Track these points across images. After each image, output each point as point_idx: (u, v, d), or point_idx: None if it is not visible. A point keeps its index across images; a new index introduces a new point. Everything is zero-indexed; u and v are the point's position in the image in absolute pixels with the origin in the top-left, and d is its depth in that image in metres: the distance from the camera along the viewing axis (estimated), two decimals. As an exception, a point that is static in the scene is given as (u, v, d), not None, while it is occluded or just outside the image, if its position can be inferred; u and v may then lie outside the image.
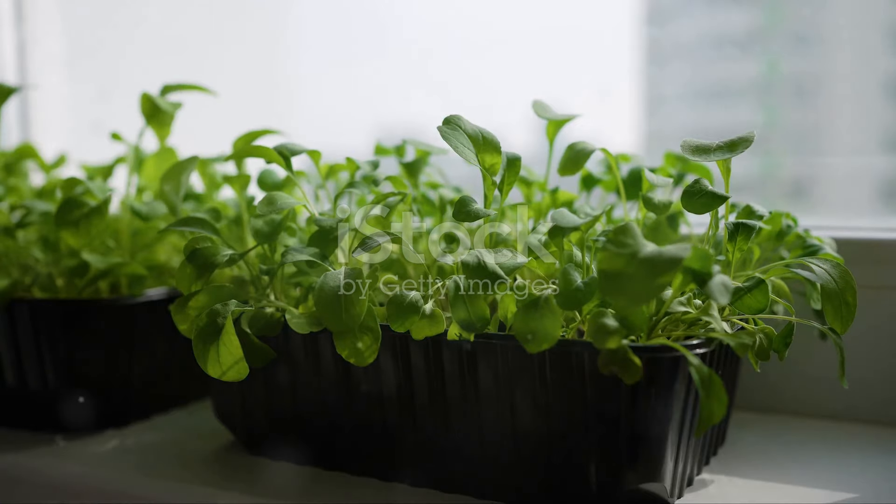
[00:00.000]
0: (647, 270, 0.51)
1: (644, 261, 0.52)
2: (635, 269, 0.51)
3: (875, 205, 1.13)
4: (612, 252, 0.53)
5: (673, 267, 0.50)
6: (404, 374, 0.69)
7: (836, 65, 1.13)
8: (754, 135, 0.66)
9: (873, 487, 0.72)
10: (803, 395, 0.91)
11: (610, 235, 0.54)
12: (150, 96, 0.95)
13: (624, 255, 0.52)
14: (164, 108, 0.94)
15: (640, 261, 0.52)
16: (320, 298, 0.63)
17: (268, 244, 0.77)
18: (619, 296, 0.52)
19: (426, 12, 1.40)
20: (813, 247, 0.77)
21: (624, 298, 0.52)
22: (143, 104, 0.95)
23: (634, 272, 0.51)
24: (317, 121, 1.50)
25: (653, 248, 0.53)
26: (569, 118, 0.83)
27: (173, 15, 1.50)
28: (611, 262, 0.52)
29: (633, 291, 0.51)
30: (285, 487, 0.73)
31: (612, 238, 0.53)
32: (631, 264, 0.52)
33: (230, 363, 0.67)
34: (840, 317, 0.65)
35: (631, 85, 1.28)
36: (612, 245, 0.53)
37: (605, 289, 0.52)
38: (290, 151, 0.78)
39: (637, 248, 0.53)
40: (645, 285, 0.51)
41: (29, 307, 0.84)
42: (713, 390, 0.55)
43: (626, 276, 0.52)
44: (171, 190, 0.85)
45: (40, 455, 0.82)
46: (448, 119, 0.68)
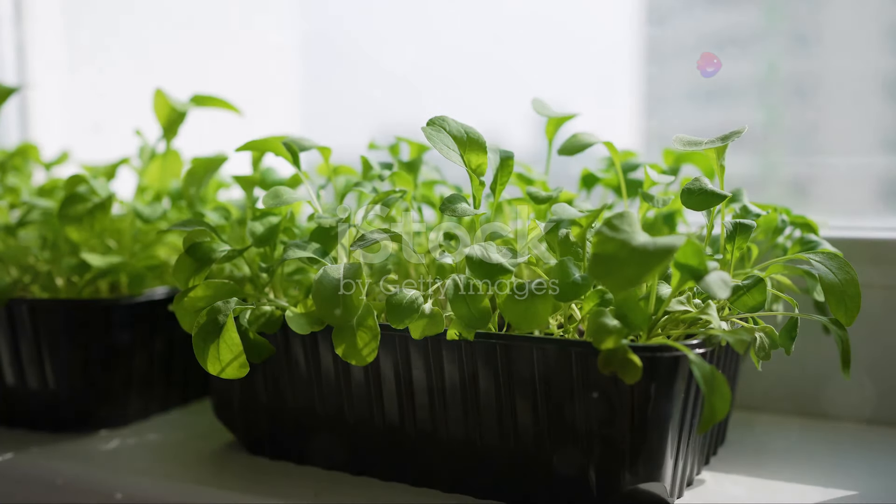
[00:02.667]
0: (640, 257, 0.51)
1: (637, 247, 0.52)
2: (627, 254, 0.52)
3: (875, 204, 1.13)
4: (605, 236, 0.53)
5: (666, 255, 0.51)
6: (404, 374, 0.69)
7: (836, 65, 1.12)
8: (745, 128, 0.66)
9: (873, 487, 0.72)
10: (803, 395, 0.91)
11: (607, 220, 0.54)
12: (164, 95, 0.94)
13: (617, 239, 0.52)
14: (177, 109, 0.94)
15: (633, 247, 0.52)
16: (318, 292, 0.63)
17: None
18: (608, 278, 0.52)
19: (426, 12, 1.40)
20: (812, 242, 0.77)
21: (613, 281, 0.52)
22: (156, 103, 0.94)
23: (627, 257, 0.52)
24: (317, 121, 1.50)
25: (647, 236, 0.53)
26: (568, 116, 0.83)
27: (173, 15, 1.50)
28: (603, 246, 0.53)
29: (624, 275, 0.51)
30: (285, 487, 0.73)
31: (608, 222, 0.53)
32: (624, 249, 0.52)
33: (230, 360, 0.67)
34: (844, 308, 0.65)
35: (631, 85, 1.28)
36: (607, 229, 0.53)
37: (595, 271, 0.52)
38: (299, 146, 0.78)
39: (631, 235, 0.53)
40: (636, 270, 0.51)
41: (28, 306, 0.84)
42: (716, 387, 0.55)
43: (617, 259, 0.52)
44: (195, 191, 0.86)
45: (40, 455, 0.82)
46: (432, 120, 0.67)
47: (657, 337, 0.63)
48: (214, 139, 1.00)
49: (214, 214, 0.86)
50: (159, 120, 0.95)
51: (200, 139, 1.00)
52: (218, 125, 1.07)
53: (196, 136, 0.99)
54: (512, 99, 1.31)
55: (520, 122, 1.30)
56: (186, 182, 0.88)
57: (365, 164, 0.83)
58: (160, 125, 0.95)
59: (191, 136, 0.99)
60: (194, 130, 0.99)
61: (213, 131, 1.08)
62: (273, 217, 0.77)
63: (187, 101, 0.96)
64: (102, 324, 0.85)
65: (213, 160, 0.89)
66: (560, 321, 0.68)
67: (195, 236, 0.72)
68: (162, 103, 0.94)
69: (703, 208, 0.65)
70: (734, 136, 0.66)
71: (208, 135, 1.04)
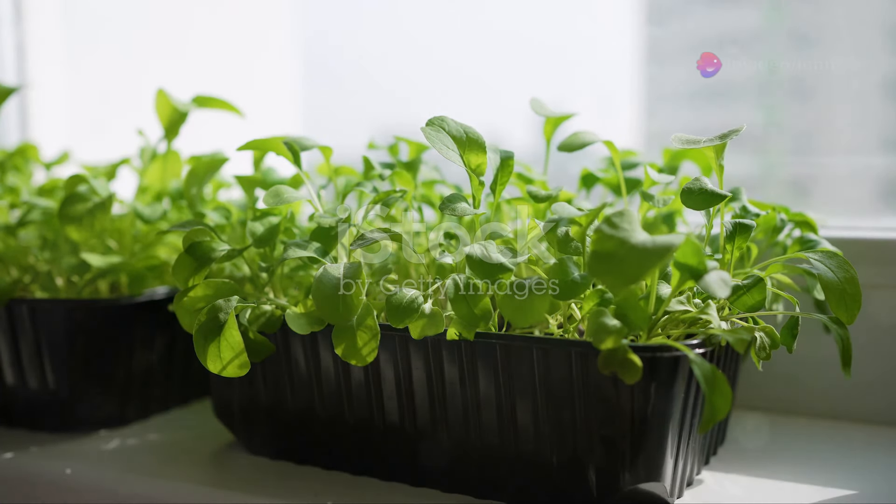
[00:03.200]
0: (639, 255, 0.51)
1: (636, 245, 0.52)
2: (626, 252, 0.52)
3: (875, 204, 1.13)
4: (604, 234, 0.53)
5: (665, 254, 0.51)
6: (404, 374, 0.69)
7: (837, 65, 1.12)
8: (744, 126, 0.67)
9: (873, 486, 0.72)
10: (803, 395, 0.91)
11: (606, 218, 0.54)
12: (166, 96, 0.94)
13: (616, 237, 0.52)
14: (179, 110, 0.94)
15: (632, 245, 0.52)
16: (318, 290, 0.63)
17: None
18: (607, 276, 0.52)
19: (426, 12, 1.40)
20: (811, 241, 0.77)
21: (612, 279, 0.52)
22: (157, 103, 0.94)
23: (626, 255, 0.52)
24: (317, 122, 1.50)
25: (646, 234, 0.53)
26: (566, 116, 0.83)
27: (173, 15, 1.50)
28: (602, 244, 0.53)
29: (622, 273, 0.51)
30: (285, 487, 0.73)
31: (608, 220, 0.53)
32: (623, 247, 0.52)
33: (231, 358, 0.67)
34: (844, 306, 0.65)
35: (631, 85, 1.28)
36: (606, 226, 0.53)
37: (594, 269, 0.53)
38: (300, 146, 0.77)
39: (630, 233, 0.53)
40: (634, 268, 0.51)
41: (28, 306, 0.84)
42: (717, 386, 0.55)
43: (616, 257, 0.52)
44: (197, 191, 0.85)
45: (40, 455, 0.82)
46: (431, 120, 0.67)
47: (657, 337, 0.63)
48: (213, 139, 1.00)
49: (215, 214, 0.86)
50: (161, 120, 0.95)
51: (199, 139, 1.00)
52: (217, 125, 1.07)
53: (194, 135, 0.99)
54: (513, 99, 1.31)
55: (520, 122, 1.30)
56: (187, 182, 0.88)
57: (366, 163, 0.83)
58: (162, 125, 0.95)
59: (189, 135, 0.99)
60: (193, 130, 0.99)
61: (212, 131, 1.08)
62: (273, 217, 0.77)
63: (189, 102, 0.96)
64: (102, 324, 0.85)
65: (215, 161, 0.89)
66: (560, 321, 0.68)
67: (194, 235, 0.72)
68: (164, 103, 0.94)
69: (703, 208, 0.65)
70: (733, 135, 0.66)
71: (207, 134, 1.04)
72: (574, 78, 1.28)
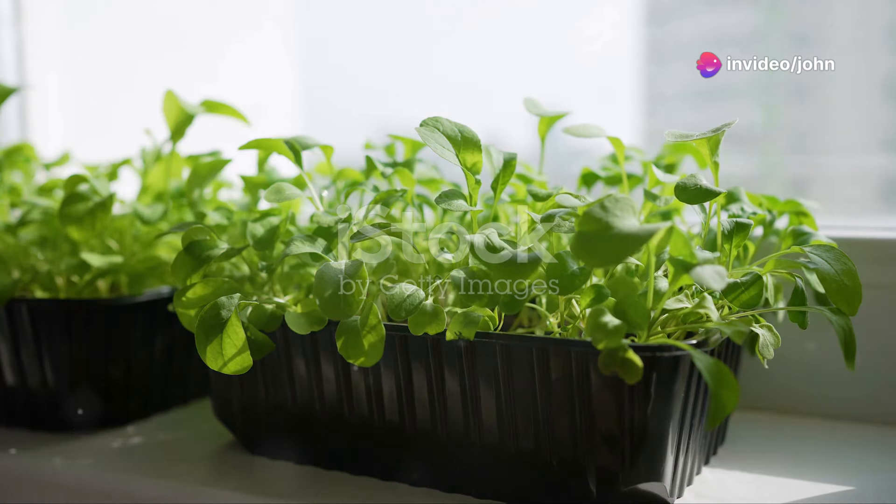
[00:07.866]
0: (619, 237, 0.52)
1: (618, 228, 0.53)
2: (608, 234, 0.53)
3: (875, 204, 1.13)
4: (592, 216, 0.54)
5: (645, 239, 0.51)
6: (404, 374, 0.68)
7: (837, 65, 1.13)
8: (736, 120, 0.67)
9: (873, 485, 0.72)
10: (803, 394, 0.91)
11: (599, 200, 0.54)
12: (175, 97, 0.93)
13: (603, 220, 0.53)
14: (187, 112, 0.93)
15: (614, 228, 0.53)
16: (319, 287, 0.63)
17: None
18: (586, 255, 0.53)
19: (426, 13, 1.40)
20: (804, 234, 0.77)
21: (591, 258, 0.54)
22: (165, 104, 0.93)
23: (607, 236, 0.53)
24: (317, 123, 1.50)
25: (634, 221, 0.54)
26: (560, 115, 0.83)
27: (173, 15, 1.50)
28: (587, 224, 0.54)
29: (602, 254, 0.53)
30: (285, 487, 0.73)
31: (601, 203, 0.54)
32: (607, 229, 0.53)
33: (232, 355, 0.67)
34: (844, 298, 0.65)
35: (631, 85, 1.28)
36: (597, 208, 0.54)
37: (575, 247, 0.54)
38: (301, 145, 0.77)
39: (618, 218, 0.54)
40: (614, 249, 0.52)
41: (28, 306, 0.84)
42: (722, 378, 0.55)
43: (597, 238, 0.53)
44: (198, 192, 0.85)
45: (40, 455, 0.82)
46: (425, 121, 0.67)
47: (657, 335, 0.63)
48: (212, 139, 1.00)
49: (217, 214, 0.86)
50: (168, 121, 0.95)
51: (197, 138, 1.00)
52: (215, 125, 1.07)
53: (193, 134, 0.99)
54: (513, 99, 1.31)
55: (521, 122, 1.30)
56: (189, 183, 0.88)
57: (369, 162, 0.83)
58: (168, 127, 0.95)
59: (188, 134, 0.99)
60: (190, 128, 0.99)
61: (211, 131, 1.08)
62: (273, 217, 0.77)
63: (197, 105, 0.96)
64: (102, 324, 0.85)
65: (217, 162, 0.89)
66: (560, 319, 0.68)
67: (193, 234, 0.72)
68: (172, 105, 0.94)
69: (697, 202, 0.65)
70: (724, 128, 0.67)
71: (205, 134, 1.04)
72: (574, 78, 1.28)
